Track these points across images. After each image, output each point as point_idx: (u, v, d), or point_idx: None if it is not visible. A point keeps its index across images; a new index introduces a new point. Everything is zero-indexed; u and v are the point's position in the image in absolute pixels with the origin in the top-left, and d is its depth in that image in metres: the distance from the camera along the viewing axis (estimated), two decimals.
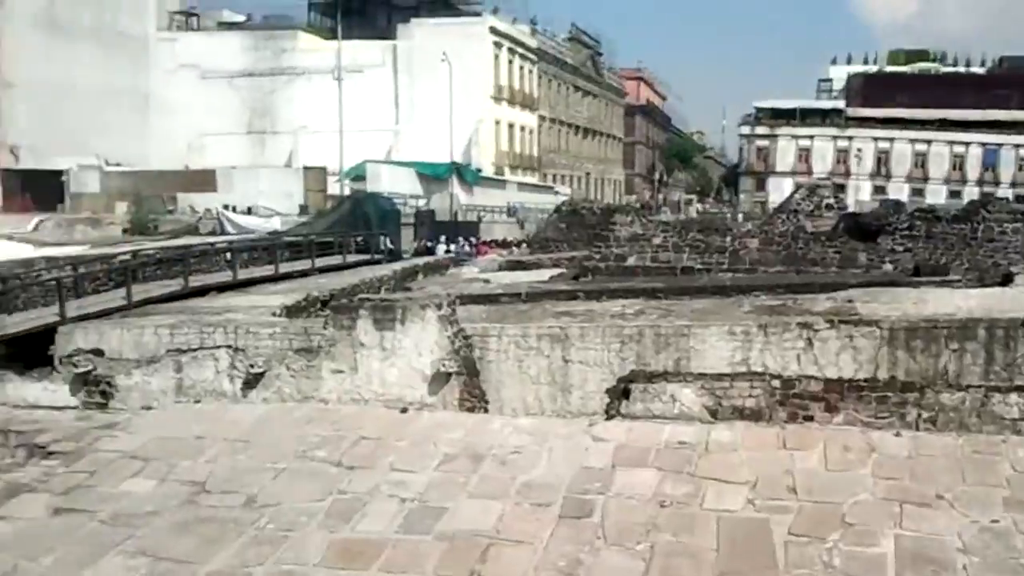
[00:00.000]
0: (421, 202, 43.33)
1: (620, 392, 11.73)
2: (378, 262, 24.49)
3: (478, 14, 62.50)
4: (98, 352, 13.19)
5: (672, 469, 10.14)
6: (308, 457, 10.73)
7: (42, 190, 43.98)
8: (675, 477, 9.96)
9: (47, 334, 13.61)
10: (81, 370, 13.12)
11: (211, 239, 28.69)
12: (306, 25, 63.16)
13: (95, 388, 13.14)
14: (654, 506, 9.41)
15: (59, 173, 45.63)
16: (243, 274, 19.20)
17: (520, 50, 63.56)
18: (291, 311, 15.10)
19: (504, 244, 35.09)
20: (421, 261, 26.51)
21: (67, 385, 13.18)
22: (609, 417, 11.68)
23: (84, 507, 9.78)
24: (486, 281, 20.68)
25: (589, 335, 11.90)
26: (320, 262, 22.00)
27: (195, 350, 12.92)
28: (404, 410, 12.11)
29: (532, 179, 63.01)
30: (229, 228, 35.16)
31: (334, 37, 57.47)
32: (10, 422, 12.42)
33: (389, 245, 27.39)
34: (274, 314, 14.48)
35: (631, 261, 24.74)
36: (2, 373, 13.51)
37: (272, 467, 10.52)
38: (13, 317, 14.98)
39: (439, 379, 12.19)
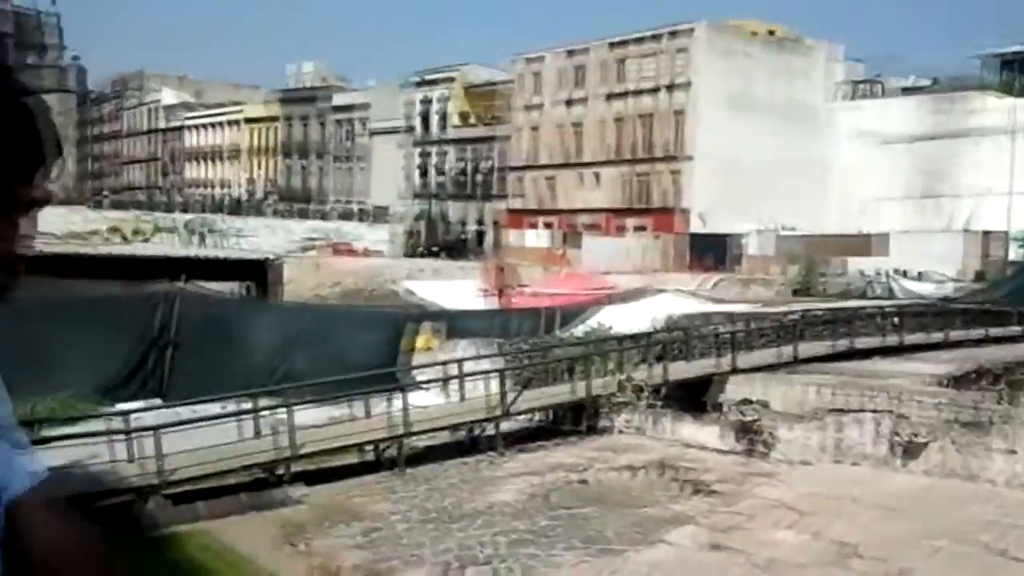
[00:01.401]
0: None
1: None
2: None
3: None
4: (760, 403, 13.90)
5: None
6: (968, 540, 9.88)
7: (713, 251, 48.11)
8: None
9: (716, 381, 14.83)
10: (744, 418, 13.94)
11: (878, 302, 28.37)
12: (986, 82, 58.89)
13: (754, 436, 13.82)
14: None
15: (728, 236, 49.43)
16: (909, 339, 18.84)
17: None
18: (958, 381, 14.21)
19: None
20: None
21: (730, 431, 14.09)
22: None
23: (738, 547, 10.28)
24: None
25: None
26: (995, 332, 20.45)
27: (854, 411, 12.86)
28: None
29: None
30: (898, 292, 34.62)
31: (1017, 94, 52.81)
32: (679, 458, 13.68)
33: None
34: (940, 383, 13.77)
35: None
36: (669, 412, 14.98)
37: (927, 543, 9.90)
38: (688, 364, 16.64)
39: None
